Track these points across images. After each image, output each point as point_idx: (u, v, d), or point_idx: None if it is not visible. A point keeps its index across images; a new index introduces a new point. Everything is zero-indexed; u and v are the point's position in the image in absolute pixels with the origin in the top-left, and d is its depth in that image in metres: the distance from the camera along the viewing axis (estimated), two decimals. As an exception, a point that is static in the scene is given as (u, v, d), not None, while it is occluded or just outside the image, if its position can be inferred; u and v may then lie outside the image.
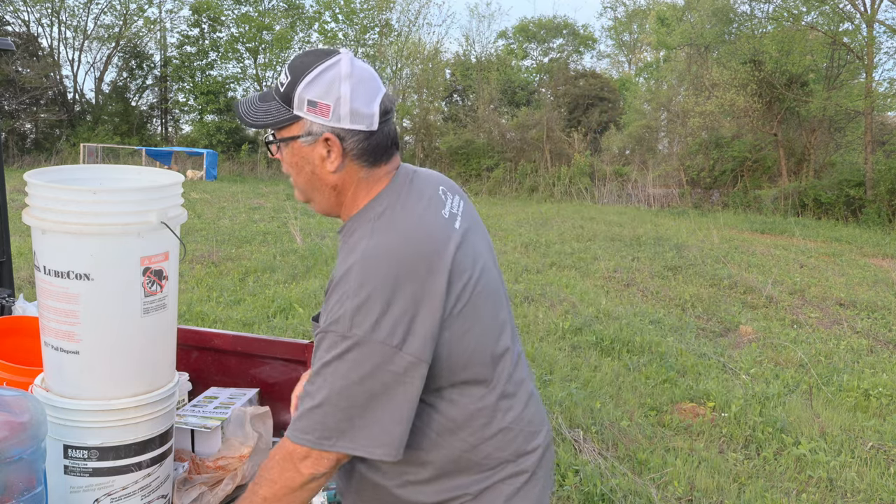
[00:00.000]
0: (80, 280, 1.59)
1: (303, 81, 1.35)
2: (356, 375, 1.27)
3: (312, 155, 1.39)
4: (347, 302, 1.27)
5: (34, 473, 1.38)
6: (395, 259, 1.30)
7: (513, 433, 1.45)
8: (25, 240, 9.87)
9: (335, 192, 1.43)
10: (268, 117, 1.39)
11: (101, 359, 1.67)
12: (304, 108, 1.35)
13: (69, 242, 1.59)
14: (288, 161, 1.43)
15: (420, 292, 1.29)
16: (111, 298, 1.63)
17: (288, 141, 1.40)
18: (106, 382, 1.68)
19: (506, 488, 1.44)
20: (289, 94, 1.36)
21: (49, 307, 1.64)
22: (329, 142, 1.37)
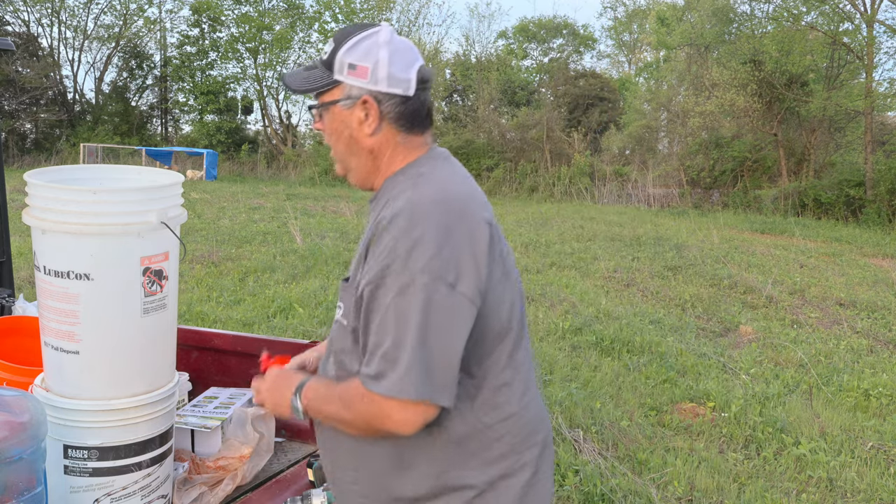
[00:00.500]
0: (80, 280, 1.59)
1: (344, 46, 1.42)
2: (420, 311, 1.26)
3: (351, 118, 1.43)
4: (400, 243, 1.28)
5: (34, 473, 1.38)
6: (444, 206, 1.32)
7: (522, 420, 1.45)
8: (25, 240, 9.87)
9: (372, 157, 1.46)
10: (310, 83, 1.45)
11: (101, 359, 1.67)
12: (344, 72, 1.41)
13: (69, 242, 1.59)
14: (328, 127, 1.47)
15: (468, 240, 1.31)
16: (111, 298, 1.63)
17: (328, 105, 1.45)
18: (106, 382, 1.68)
19: (515, 483, 1.42)
20: (331, 60, 1.43)
21: (49, 307, 1.64)
22: (367, 104, 1.41)
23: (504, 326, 1.41)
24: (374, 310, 1.30)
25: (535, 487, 1.46)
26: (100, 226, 1.57)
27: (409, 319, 1.26)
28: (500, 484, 1.41)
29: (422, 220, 1.29)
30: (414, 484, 1.40)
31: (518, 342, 1.47)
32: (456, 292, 1.28)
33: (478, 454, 1.40)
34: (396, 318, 1.26)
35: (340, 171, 1.53)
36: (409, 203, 1.32)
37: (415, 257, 1.26)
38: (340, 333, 1.44)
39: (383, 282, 1.28)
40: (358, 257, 1.42)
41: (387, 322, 1.27)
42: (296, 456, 2.23)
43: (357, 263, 1.41)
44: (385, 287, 1.28)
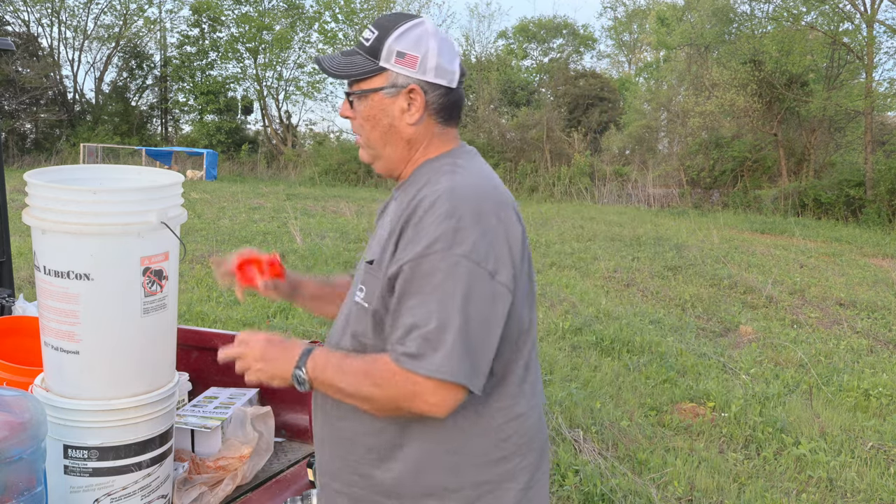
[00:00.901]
0: (80, 280, 1.59)
1: (393, 34, 1.40)
2: (463, 295, 1.26)
3: (393, 107, 1.41)
4: (443, 225, 1.28)
5: (34, 473, 1.38)
6: (482, 196, 1.34)
7: (528, 423, 1.45)
8: (25, 240, 9.87)
9: (408, 147, 1.45)
10: (353, 68, 1.42)
11: (101, 359, 1.67)
12: (391, 60, 1.39)
13: (69, 242, 1.59)
14: (364, 114, 1.44)
15: (505, 232, 1.33)
16: (111, 298, 1.63)
17: (368, 93, 1.42)
18: (106, 382, 1.68)
19: (513, 487, 1.42)
20: (376, 47, 1.40)
21: (49, 307, 1.64)
22: (413, 93, 1.41)
23: (526, 324, 1.42)
24: (413, 290, 1.29)
25: (529, 492, 1.45)
26: (100, 226, 1.57)
27: (454, 302, 1.25)
28: (501, 486, 1.40)
29: (462, 206, 1.30)
30: (410, 478, 1.39)
31: (534, 342, 1.48)
32: (495, 281, 1.29)
33: (485, 453, 1.39)
34: (440, 300, 1.26)
35: (368, 157, 1.50)
36: (451, 188, 1.33)
37: (458, 241, 1.27)
38: (360, 316, 1.42)
39: (426, 261, 1.28)
40: (383, 239, 1.40)
41: (429, 303, 1.26)
42: (296, 456, 2.23)
43: (383, 245, 1.39)
44: (427, 268, 1.27)
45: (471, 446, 1.39)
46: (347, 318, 1.47)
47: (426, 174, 1.42)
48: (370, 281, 1.40)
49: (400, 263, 1.31)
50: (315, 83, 34.90)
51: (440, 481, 1.38)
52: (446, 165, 1.42)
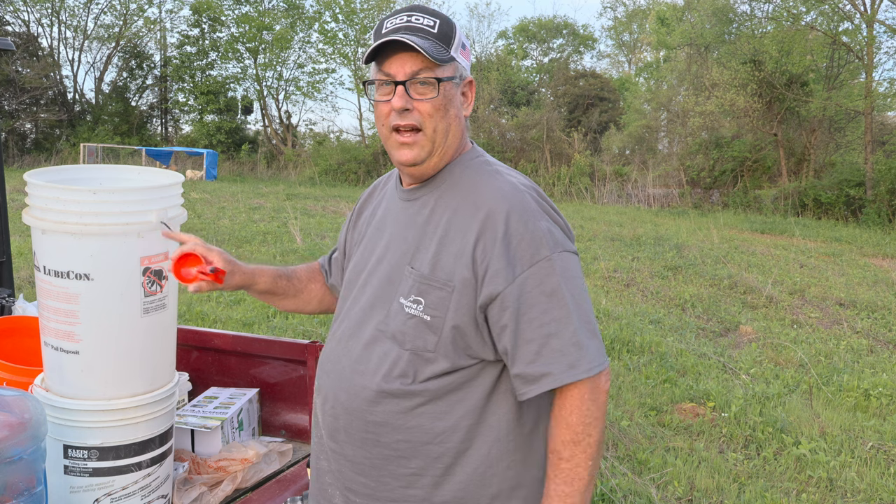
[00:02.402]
0: (80, 280, 1.59)
1: (456, 25, 1.39)
2: (581, 286, 1.35)
3: (456, 97, 1.40)
4: (534, 225, 1.32)
5: (34, 473, 1.38)
6: (532, 193, 1.39)
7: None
8: (25, 240, 9.87)
9: (462, 138, 1.45)
10: (439, 52, 1.34)
11: (101, 359, 1.66)
12: (459, 51, 1.39)
13: (69, 242, 1.59)
14: (436, 104, 1.35)
15: (557, 215, 1.41)
16: (111, 298, 1.63)
17: (444, 81, 1.36)
18: (106, 382, 1.68)
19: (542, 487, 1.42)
20: (448, 35, 1.36)
21: (49, 307, 1.64)
22: (471, 85, 1.43)
23: None
24: (530, 302, 1.30)
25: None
26: (100, 226, 1.57)
27: (571, 299, 1.31)
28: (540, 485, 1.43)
29: (532, 205, 1.35)
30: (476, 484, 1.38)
31: None
32: (577, 256, 1.39)
33: (539, 450, 1.42)
34: (560, 302, 1.30)
35: (422, 153, 1.38)
36: (512, 191, 1.37)
37: (557, 238, 1.34)
38: (418, 330, 1.35)
39: (538, 264, 1.30)
40: (430, 247, 1.37)
41: (551, 310, 1.30)
42: (296, 456, 2.23)
43: (435, 256, 1.36)
44: (542, 269, 1.31)
45: (531, 442, 1.40)
46: (404, 334, 1.37)
47: (458, 173, 1.43)
48: (429, 292, 1.34)
49: (501, 284, 1.31)
50: (315, 83, 34.93)
51: (507, 482, 1.39)
52: (480, 164, 1.45)
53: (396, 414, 1.36)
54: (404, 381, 1.35)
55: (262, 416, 2.40)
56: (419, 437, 1.36)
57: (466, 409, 1.36)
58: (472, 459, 1.36)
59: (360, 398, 1.39)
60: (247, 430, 2.29)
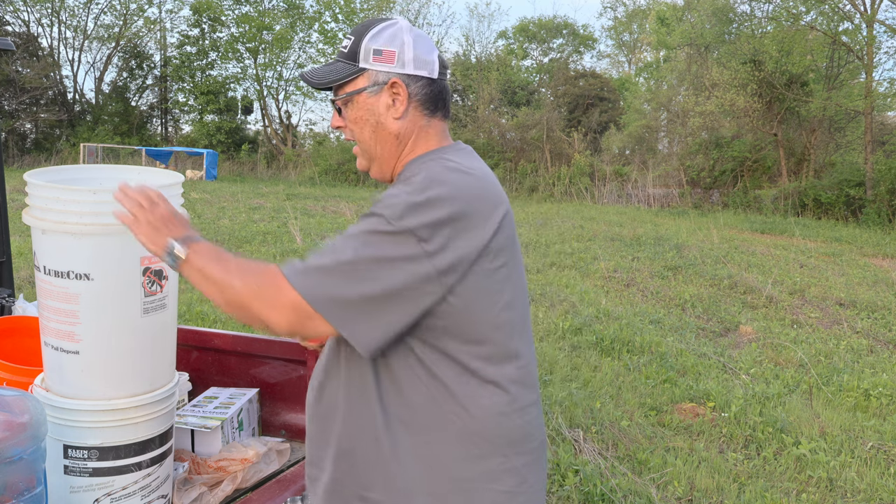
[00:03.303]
0: (80, 280, 1.59)
1: (368, 35, 1.44)
2: (381, 257, 1.25)
3: (378, 105, 1.44)
4: (407, 197, 1.29)
5: (34, 473, 1.38)
6: (461, 184, 1.34)
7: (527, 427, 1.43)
8: (25, 240, 9.87)
9: (397, 142, 1.46)
10: (333, 74, 1.45)
11: (101, 359, 1.67)
12: (369, 59, 1.43)
13: (69, 242, 1.59)
14: (352, 118, 1.46)
15: (472, 221, 1.31)
16: (111, 298, 1.63)
17: (353, 95, 1.44)
18: (106, 382, 1.68)
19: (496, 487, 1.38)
20: (354, 50, 1.44)
21: (49, 307, 1.64)
22: (395, 86, 1.43)
23: (498, 321, 1.37)
24: (349, 229, 1.31)
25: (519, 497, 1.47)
26: (100, 226, 1.57)
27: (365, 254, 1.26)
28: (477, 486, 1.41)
29: (436, 187, 1.30)
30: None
31: (528, 344, 1.47)
32: (429, 263, 1.26)
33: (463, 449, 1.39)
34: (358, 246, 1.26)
35: (363, 164, 1.51)
36: (433, 171, 1.35)
37: (408, 215, 1.26)
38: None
39: (373, 216, 1.28)
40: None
41: (351, 243, 1.27)
42: (296, 456, 2.23)
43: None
44: (371, 220, 1.28)
45: (447, 440, 1.36)
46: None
47: (413, 170, 1.41)
48: None
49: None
50: (315, 83, 34.87)
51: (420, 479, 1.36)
52: (433, 161, 1.41)
53: None
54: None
55: (262, 416, 2.40)
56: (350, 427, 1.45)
57: None
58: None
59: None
60: (247, 430, 2.29)
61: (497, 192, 1.41)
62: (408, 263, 1.25)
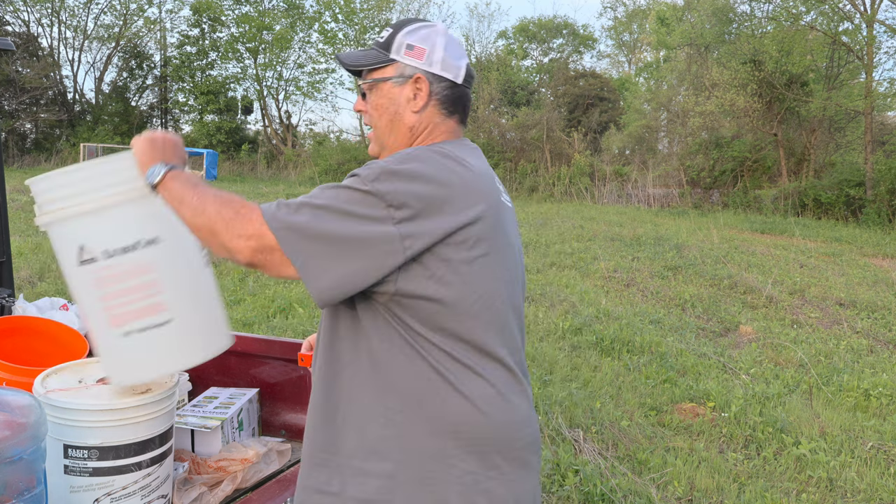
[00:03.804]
0: (148, 246, 1.55)
1: (404, 30, 1.52)
2: (348, 211, 1.28)
3: (400, 96, 1.50)
4: (385, 164, 1.32)
5: (34, 473, 1.38)
6: (445, 168, 1.36)
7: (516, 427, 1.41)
8: (26, 240, 9.87)
9: (410, 134, 1.52)
10: (365, 59, 1.53)
11: (192, 317, 1.63)
12: (401, 52, 1.50)
13: (130, 211, 1.54)
14: (373, 103, 1.53)
15: (445, 205, 1.32)
16: (180, 255, 1.60)
17: (378, 82, 1.51)
18: (202, 340, 1.65)
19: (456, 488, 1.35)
20: (389, 41, 1.52)
21: (120, 291, 1.55)
22: (419, 82, 1.50)
23: (472, 310, 1.36)
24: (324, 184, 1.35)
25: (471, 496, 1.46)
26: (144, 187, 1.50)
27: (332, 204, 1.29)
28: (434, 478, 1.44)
29: (418, 161, 1.33)
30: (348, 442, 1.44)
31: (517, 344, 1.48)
32: (393, 227, 1.28)
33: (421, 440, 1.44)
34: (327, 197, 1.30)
35: (374, 150, 1.57)
36: (421, 149, 1.40)
37: (381, 179, 1.29)
38: None
39: (349, 177, 1.33)
40: None
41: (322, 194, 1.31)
42: (296, 456, 2.23)
43: None
44: (347, 179, 1.32)
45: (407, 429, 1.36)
46: None
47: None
48: None
49: None
50: (315, 83, 34.96)
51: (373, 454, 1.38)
52: (430, 147, 1.43)
53: None
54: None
55: (262, 416, 2.40)
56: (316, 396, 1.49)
57: None
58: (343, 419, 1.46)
59: None
60: (247, 430, 2.30)
61: (485, 189, 1.40)
62: (372, 223, 1.27)
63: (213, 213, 1.33)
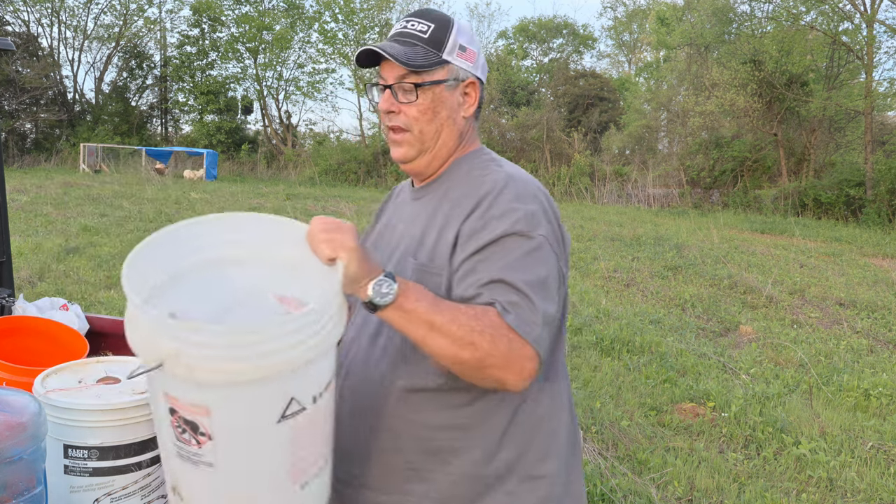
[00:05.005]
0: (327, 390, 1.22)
1: (454, 28, 1.41)
2: (545, 272, 1.25)
3: (451, 100, 1.42)
4: (520, 207, 1.29)
5: (34, 473, 1.38)
6: (538, 188, 1.38)
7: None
8: (26, 240, 9.87)
9: (459, 139, 1.46)
10: (420, 58, 1.38)
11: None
12: (454, 53, 1.40)
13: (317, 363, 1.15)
14: (423, 106, 1.40)
15: (557, 223, 1.36)
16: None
17: (431, 85, 1.39)
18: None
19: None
20: (438, 39, 1.39)
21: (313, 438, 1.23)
22: (471, 87, 1.44)
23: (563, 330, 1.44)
24: (497, 257, 1.24)
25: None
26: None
27: (537, 277, 1.24)
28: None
29: (529, 193, 1.33)
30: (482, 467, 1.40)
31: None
32: (560, 265, 1.32)
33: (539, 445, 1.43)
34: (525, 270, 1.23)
35: (409, 154, 1.43)
36: (510, 177, 1.36)
37: (535, 223, 1.28)
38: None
39: (509, 238, 1.26)
40: (430, 238, 1.38)
41: (517, 269, 1.23)
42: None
43: (434, 243, 1.36)
44: (511, 245, 1.25)
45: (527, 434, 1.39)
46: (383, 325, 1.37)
47: (465, 170, 1.44)
48: (426, 279, 1.32)
49: (474, 249, 1.27)
50: (315, 83, 34.95)
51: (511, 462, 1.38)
52: (487, 161, 1.44)
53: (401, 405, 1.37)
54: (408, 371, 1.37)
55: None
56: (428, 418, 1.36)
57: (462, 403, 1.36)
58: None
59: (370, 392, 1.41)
60: (247, 430, 2.29)
61: None
62: (555, 267, 1.28)
63: (486, 346, 1.15)
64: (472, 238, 1.28)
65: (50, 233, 10.78)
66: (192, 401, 1.14)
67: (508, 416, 1.36)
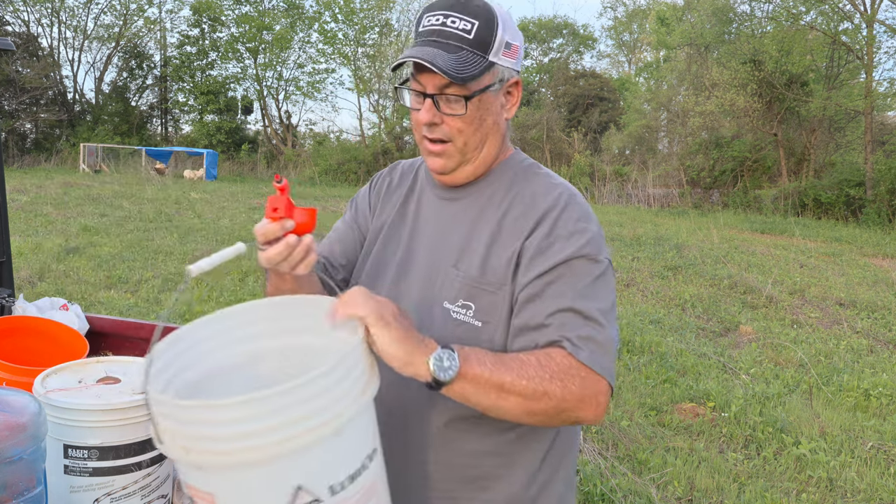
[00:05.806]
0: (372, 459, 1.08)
1: (499, 23, 1.22)
2: (613, 297, 1.24)
3: (496, 104, 1.27)
4: (587, 228, 1.25)
5: (34, 473, 1.38)
6: (588, 204, 1.36)
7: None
8: (26, 240, 9.88)
9: (503, 144, 1.34)
10: (471, 68, 1.19)
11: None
12: (499, 53, 1.23)
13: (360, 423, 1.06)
14: (466, 119, 1.24)
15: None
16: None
17: (479, 94, 1.22)
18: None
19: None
20: (485, 40, 1.20)
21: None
22: (517, 86, 1.30)
23: None
24: (564, 284, 1.19)
25: None
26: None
27: (606, 305, 1.21)
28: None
29: (588, 211, 1.31)
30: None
31: None
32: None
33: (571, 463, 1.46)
34: (597, 299, 1.19)
35: (449, 165, 1.30)
36: (571, 193, 1.32)
37: (601, 247, 1.26)
38: (469, 338, 1.23)
39: (577, 261, 1.21)
40: (489, 252, 1.26)
41: (587, 298, 1.18)
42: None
43: (485, 258, 1.26)
44: (580, 269, 1.20)
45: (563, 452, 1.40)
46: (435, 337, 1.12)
47: (509, 174, 1.34)
48: (480, 295, 1.24)
49: (541, 270, 1.21)
50: (315, 83, 34.96)
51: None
52: (529, 165, 1.37)
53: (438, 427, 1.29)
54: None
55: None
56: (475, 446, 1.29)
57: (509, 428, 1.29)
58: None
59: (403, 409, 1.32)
60: (247, 429, 2.29)
61: None
62: (615, 290, 1.27)
63: (559, 392, 1.10)
64: (537, 257, 1.21)
65: (50, 233, 10.79)
66: (199, 486, 1.05)
67: (551, 437, 1.33)
